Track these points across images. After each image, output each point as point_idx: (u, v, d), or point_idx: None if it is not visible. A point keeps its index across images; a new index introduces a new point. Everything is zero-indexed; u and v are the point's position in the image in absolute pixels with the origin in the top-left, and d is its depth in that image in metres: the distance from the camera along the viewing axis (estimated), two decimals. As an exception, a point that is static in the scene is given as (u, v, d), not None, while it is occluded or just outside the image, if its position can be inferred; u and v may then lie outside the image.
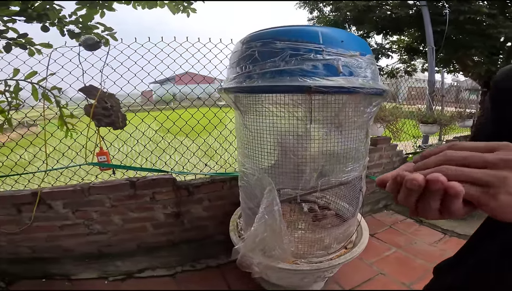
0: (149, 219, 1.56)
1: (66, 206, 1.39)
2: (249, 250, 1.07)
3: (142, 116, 1.80)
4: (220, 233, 1.72)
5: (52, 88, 1.28)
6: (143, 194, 1.47)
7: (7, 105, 1.25)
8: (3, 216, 1.38)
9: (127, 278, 1.57)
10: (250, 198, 1.12)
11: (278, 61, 0.90)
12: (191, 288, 1.52)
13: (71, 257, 1.57)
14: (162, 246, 1.67)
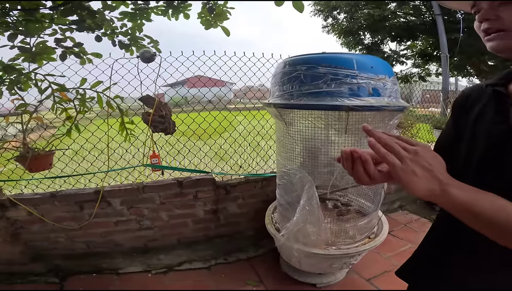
0: (191, 216, 1.86)
1: (123, 203, 1.69)
2: (290, 239, 1.37)
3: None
4: (250, 229, 2.02)
5: (115, 97, 1.58)
6: (188, 193, 1.77)
7: (74, 112, 1.55)
8: (65, 213, 1.67)
9: (168, 271, 1.86)
10: (290, 193, 1.41)
11: (321, 84, 1.20)
12: (224, 280, 1.80)
13: (121, 251, 1.86)
14: (199, 241, 1.96)
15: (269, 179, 1.94)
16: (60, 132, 1.51)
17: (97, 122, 1.71)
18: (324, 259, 1.44)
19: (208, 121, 2.07)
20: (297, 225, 1.32)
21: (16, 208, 1.62)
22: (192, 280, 1.79)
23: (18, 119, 1.43)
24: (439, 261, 0.65)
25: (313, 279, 1.68)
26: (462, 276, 0.60)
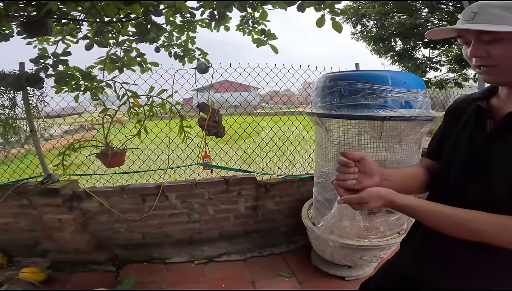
0: (233, 211, 2.22)
1: (178, 197, 2.09)
2: (325, 231, 1.69)
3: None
4: (284, 225, 2.35)
5: (176, 103, 1.99)
6: (233, 190, 2.15)
7: (143, 116, 1.97)
8: (130, 205, 2.09)
9: (208, 262, 2.22)
10: (327, 191, 1.74)
11: (359, 97, 1.53)
12: (259, 271, 2.12)
13: (170, 242, 2.26)
14: (238, 235, 2.32)
15: (305, 180, 2.27)
16: (131, 134, 1.93)
17: (159, 125, 2.13)
18: (356, 251, 1.74)
19: (237, 124, 2.46)
20: (334, 218, 1.64)
21: (90, 200, 2.04)
22: (229, 270, 2.13)
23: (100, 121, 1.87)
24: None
25: (343, 272, 1.97)
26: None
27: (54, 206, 1.94)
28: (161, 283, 1.96)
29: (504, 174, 0.67)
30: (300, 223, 2.06)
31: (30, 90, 1.92)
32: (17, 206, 2.05)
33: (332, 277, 1.99)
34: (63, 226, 2.00)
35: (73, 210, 2.00)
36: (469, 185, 0.75)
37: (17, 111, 1.90)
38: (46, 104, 1.95)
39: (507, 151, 0.68)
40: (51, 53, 1.96)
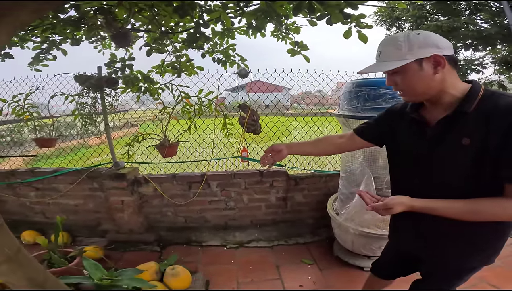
0: (265, 201, 2.62)
1: (218, 186, 2.54)
2: (347, 219, 2.05)
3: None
4: (310, 218, 2.72)
5: (221, 104, 2.46)
6: (266, 181, 2.55)
7: (192, 114, 2.46)
8: (178, 191, 2.58)
9: (239, 247, 2.61)
10: (351, 184, 2.10)
11: (380, 101, 1.89)
12: (284, 257, 2.49)
13: (207, 227, 2.69)
14: (267, 224, 2.71)
15: (332, 175, 2.61)
16: (182, 129, 2.44)
17: (206, 122, 2.63)
18: (374, 240, 2.02)
19: (270, 124, 2.86)
20: (355, 207, 1.99)
21: (146, 185, 2.54)
22: (257, 255, 2.50)
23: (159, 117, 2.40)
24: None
25: (362, 262, 2.25)
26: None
27: (120, 189, 2.45)
28: (197, 263, 2.36)
29: (453, 170, 0.94)
30: (325, 216, 2.41)
31: (106, 90, 2.47)
32: (89, 189, 2.60)
33: (351, 266, 2.27)
34: (124, 208, 2.50)
35: (134, 193, 2.51)
36: (428, 185, 1.02)
37: (95, 107, 2.47)
38: (119, 103, 2.52)
39: (450, 150, 0.93)
40: (119, 58, 2.52)
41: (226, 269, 2.32)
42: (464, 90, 0.93)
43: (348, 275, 2.24)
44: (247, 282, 2.17)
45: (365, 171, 1.93)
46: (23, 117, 2.51)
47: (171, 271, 1.92)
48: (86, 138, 5.00)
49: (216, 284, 2.14)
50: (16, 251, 1.18)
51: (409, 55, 0.88)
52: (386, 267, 1.54)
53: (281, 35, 2.91)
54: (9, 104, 2.46)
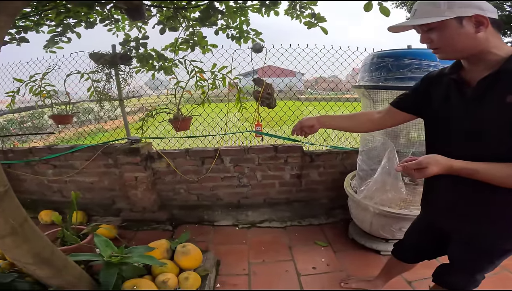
0: (279, 178, 2.53)
1: (231, 161, 2.46)
2: (366, 197, 1.91)
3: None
4: (325, 197, 2.60)
5: (235, 78, 2.37)
6: (280, 157, 2.45)
7: (205, 88, 2.38)
8: (190, 166, 2.53)
9: (251, 227, 2.55)
10: (371, 159, 1.96)
11: (406, 71, 1.73)
12: (297, 238, 2.39)
13: (220, 205, 2.63)
14: (281, 203, 2.62)
15: (349, 153, 2.48)
16: (196, 103, 2.38)
17: (219, 96, 2.56)
18: (395, 220, 1.87)
19: (282, 110, 2.76)
20: (376, 183, 1.85)
21: (160, 161, 2.50)
22: (269, 235, 2.42)
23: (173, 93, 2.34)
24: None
25: (379, 245, 2.13)
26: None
27: (134, 164, 2.42)
28: (208, 243, 2.32)
29: (494, 130, 0.87)
30: (341, 196, 2.28)
31: (120, 67, 2.44)
32: (104, 165, 2.59)
33: (368, 250, 2.16)
34: (137, 184, 2.48)
35: (147, 169, 2.47)
36: (465, 147, 0.95)
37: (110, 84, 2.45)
38: (133, 79, 2.48)
39: (492, 108, 0.87)
40: (133, 38, 2.48)
41: (238, 249, 2.26)
42: (509, 51, 0.88)
43: (364, 259, 2.13)
44: (258, 263, 2.11)
45: (387, 144, 1.80)
46: (41, 96, 2.53)
47: (182, 249, 1.87)
48: (103, 123, 5.08)
49: (227, 264, 2.09)
50: (22, 222, 1.11)
51: (449, 12, 0.85)
52: (410, 248, 1.44)
53: (295, 13, 2.79)
54: (26, 84, 2.48)
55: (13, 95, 2.51)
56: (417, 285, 1.80)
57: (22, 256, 1.15)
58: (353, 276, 1.89)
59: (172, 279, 1.68)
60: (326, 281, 1.93)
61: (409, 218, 1.80)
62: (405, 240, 1.48)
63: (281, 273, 2.01)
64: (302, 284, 1.90)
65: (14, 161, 2.72)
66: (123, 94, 2.52)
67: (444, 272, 1.25)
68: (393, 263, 1.58)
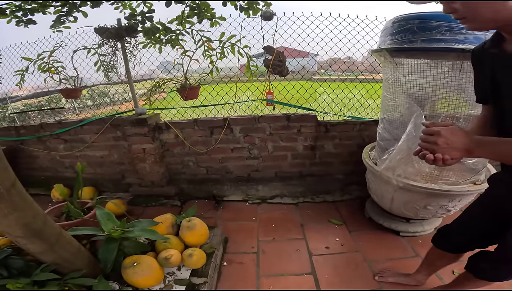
0: (291, 149, 2.32)
1: (241, 131, 2.29)
2: (389, 169, 1.68)
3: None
4: (340, 172, 2.39)
5: (244, 47, 2.16)
6: (293, 126, 2.24)
7: (214, 57, 2.20)
8: (199, 137, 2.38)
9: (261, 202, 2.40)
10: (394, 126, 1.72)
11: (434, 33, 1.46)
12: (310, 215, 2.22)
13: (229, 179, 2.49)
14: (293, 177, 2.43)
15: (368, 124, 2.25)
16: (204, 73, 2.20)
17: (229, 65, 2.36)
18: (420, 196, 1.64)
19: (294, 90, 2.53)
20: (400, 152, 1.58)
21: (168, 132, 2.37)
22: (280, 212, 2.27)
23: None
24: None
25: (399, 225, 1.93)
26: None
27: (141, 135, 2.30)
28: (216, 219, 2.20)
29: None
30: (357, 171, 2.08)
31: (126, 40, 2.29)
32: (113, 138, 2.50)
33: (386, 230, 1.98)
34: (145, 157, 2.37)
35: (155, 140, 2.34)
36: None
37: (117, 56, 2.31)
38: (139, 51, 2.32)
39: None
40: (139, 12, 2.32)
41: (247, 226, 2.13)
42: None
43: (381, 239, 1.95)
44: (268, 241, 1.97)
45: (413, 109, 1.57)
46: (49, 72, 2.47)
47: (187, 223, 1.74)
48: (119, 104, 5.01)
49: (235, 241, 1.97)
50: (9, 186, 0.96)
51: None
52: (462, 234, 1.21)
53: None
54: (35, 62, 2.43)
55: (22, 73, 2.47)
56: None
57: (10, 227, 1.03)
58: (389, 268, 1.69)
59: (176, 256, 1.56)
60: (340, 262, 1.78)
61: (438, 193, 1.61)
62: (455, 225, 1.25)
63: (292, 252, 1.87)
64: (314, 264, 1.76)
65: (26, 137, 2.66)
66: (133, 74, 2.39)
67: (485, 260, 1.11)
68: (437, 254, 1.36)
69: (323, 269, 1.71)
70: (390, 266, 1.71)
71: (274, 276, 1.68)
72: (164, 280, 1.53)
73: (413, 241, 1.92)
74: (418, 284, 1.55)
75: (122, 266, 1.42)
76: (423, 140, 0.80)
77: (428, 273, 1.52)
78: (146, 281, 1.43)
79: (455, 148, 0.76)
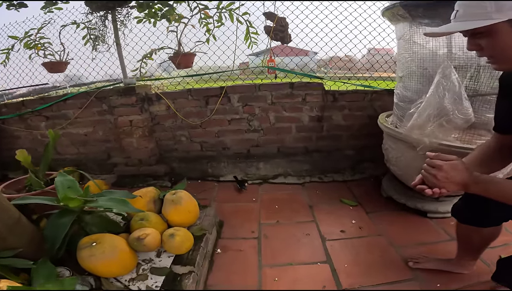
0: (296, 120, 1.83)
1: (240, 100, 1.79)
2: (413, 128, 1.17)
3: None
4: (350, 148, 1.88)
5: (243, 14, 1.70)
6: (298, 94, 1.76)
7: (211, 25, 1.74)
8: (193, 108, 1.87)
9: (263, 183, 1.88)
10: (417, 81, 1.26)
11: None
12: (318, 195, 1.70)
13: (226, 155, 1.96)
14: (298, 153, 1.91)
15: (380, 93, 1.77)
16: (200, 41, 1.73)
17: (227, 34, 1.89)
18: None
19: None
20: (428, 106, 1.12)
21: (159, 103, 1.87)
22: (285, 192, 1.76)
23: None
24: None
25: (426, 204, 1.42)
26: None
27: (128, 106, 1.81)
28: (211, 200, 1.69)
29: None
30: (370, 147, 1.59)
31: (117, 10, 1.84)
32: (98, 112, 1.99)
33: (410, 211, 1.47)
34: (132, 130, 1.87)
35: (143, 112, 1.84)
36: None
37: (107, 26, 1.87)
38: (130, 21, 1.87)
39: None
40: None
41: (246, 208, 1.61)
42: None
43: (406, 222, 1.43)
44: (271, 224, 1.46)
45: (438, 60, 1.09)
46: (35, 49, 2.07)
47: (171, 196, 1.22)
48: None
49: (232, 225, 1.46)
50: None
51: (498, 14, 0.57)
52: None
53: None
54: (21, 40, 2.05)
55: (7, 52, 2.10)
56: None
57: None
58: (426, 254, 1.18)
59: (153, 235, 1.05)
60: (361, 248, 1.27)
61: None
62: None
63: (300, 237, 1.35)
64: (328, 250, 1.24)
65: (7, 115, 2.13)
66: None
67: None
68: (472, 232, 0.96)
69: (341, 256, 1.21)
70: (425, 252, 1.19)
71: (279, 265, 1.16)
72: (138, 268, 1.01)
73: (444, 223, 1.41)
74: (465, 271, 1.06)
75: (78, 247, 0.91)
76: (425, 170, 0.71)
77: (474, 255, 1.05)
78: (108, 268, 0.92)
79: (452, 182, 0.68)
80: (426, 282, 1.05)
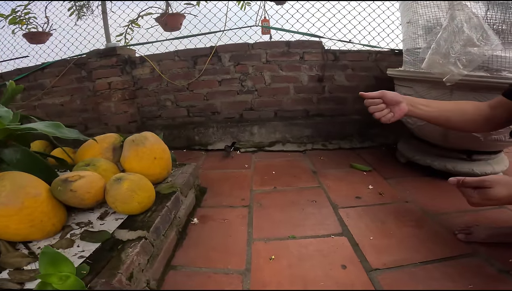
0: (294, 80, 1.41)
1: (231, 59, 1.37)
2: (439, 57, 0.75)
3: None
4: (357, 112, 1.44)
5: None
6: (295, 53, 1.35)
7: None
8: (180, 69, 1.44)
9: (257, 151, 1.42)
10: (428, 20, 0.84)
11: None
12: (323, 162, 1.23)
13: (216, 121, 1.52)
14: (297, 116, 1.47)
15: (385, 53, 1.36)
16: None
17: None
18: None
19: None
20: (447, 34, 0.72)
21: (142, 66, 1.45)
22: (284, 159, 1.29)
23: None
24: None
25: (458, 165, 0.97)
26: None
27: (108, 68, 1.38)
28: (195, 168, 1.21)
29: None
30: None
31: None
32: (76, 79, 1.56)
33: (438, 174, 1.01)
34: (111, 93, 1.43)
35: (124, 73, 1.42)
36: None
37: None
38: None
39: None
40: None
41: (236, 174, 1.16)
42: None
43: (436, 186, 0.97)
44: (267, 191, 1.00)
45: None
46: (20, 24, 1.72)
47: (133, 137, 0.74)
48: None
49: (218, 193, 1.00)
50: None
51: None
52: None
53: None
54: (7, 17, 1.72)
55: None
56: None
57: None
58: (477, 223, 0.72)
59: (89, 179, 0.60)
60: (387, 216, 0.81)
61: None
62: None
63: (305, 204, 0.90)
64: (344, 220, 0.79)
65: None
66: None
67: None
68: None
69: (361, 227, 0.76)
70: (475, 221, 0.75)
71: (277, 239, 0.72)
72: (64, 231, 0.56)
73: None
74: None
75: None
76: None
77: None
78: (5, 222, 0.47)
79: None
80: (492, 259, 0.60)
